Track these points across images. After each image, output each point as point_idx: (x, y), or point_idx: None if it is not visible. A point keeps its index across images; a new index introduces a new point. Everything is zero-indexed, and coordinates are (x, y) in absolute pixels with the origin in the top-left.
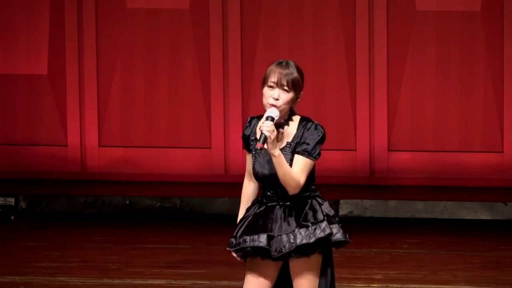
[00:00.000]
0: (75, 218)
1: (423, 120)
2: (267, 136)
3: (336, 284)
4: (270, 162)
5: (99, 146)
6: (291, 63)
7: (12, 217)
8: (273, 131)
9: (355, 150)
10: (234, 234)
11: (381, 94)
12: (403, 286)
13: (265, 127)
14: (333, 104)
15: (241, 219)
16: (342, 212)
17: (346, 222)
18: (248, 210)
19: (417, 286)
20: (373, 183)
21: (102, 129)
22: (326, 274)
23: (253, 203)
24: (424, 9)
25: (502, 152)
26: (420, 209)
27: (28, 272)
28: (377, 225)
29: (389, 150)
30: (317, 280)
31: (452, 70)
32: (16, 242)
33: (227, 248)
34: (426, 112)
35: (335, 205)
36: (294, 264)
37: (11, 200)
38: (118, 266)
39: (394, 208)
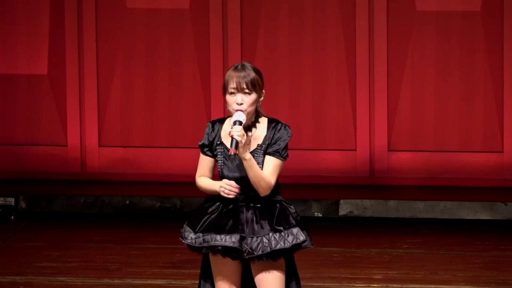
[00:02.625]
0: (75, 218)
1: (423, 120)
2: (238, 141)
3: (336, 284)
4: (240, 165)
5: (99, 146)
6: (247, 64)
7: (12, 217)
8: (243, 135)
9: (355, 150)
10: (195, 229)
11: (381, 94)
12: (403, 286)
13: (235, 132)
14: (333, 104)
15: (201, 213)
16: (342, 212)
17: (346, 222)
18: (207, 202)
19: (417, 286)
20: (373, 183)
21: (102, 129)
22: (291, 276)
23: (214, 198)
24: (424, 9)
25: (502, 152)
26: (420, 209)
27: (28, 272)
28: (377, 225)
29: (389, 150)
30: (284, 282)
31: (452, 70)
32: (16, 242)
33: (185, 242)
34: (426, 112)
35: (335, 205)
36: (258, 267)
37: (11, 200)
38: (118, 266)
39: (394, 208)
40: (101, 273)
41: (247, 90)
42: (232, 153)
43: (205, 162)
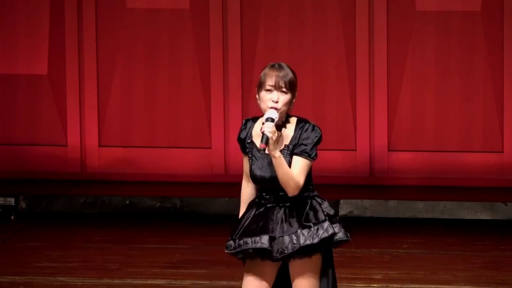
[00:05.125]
0: (75, 218)
1: (423, 120)
2: (269, 137)
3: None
4: (269, 164)
5: (99, 146)
6: (284, 65)
7: (12, 217)
8: (274, 132)
9: (355, 150)
10: (233, 237)
11: (381, 94)
12: (403, 286)
13: (266, 128)
14: (333, 104)
15: (239, 221)
16: (342, 212)
17: (346, 222)
18: (246, 211)
19: (417, 286)
20: (373, 183)
21: (102, 129)
22: (327, 274)
23: (250, 205)
24: (424, 9)
25: (502, 152)
26: (420, 209)
27: (28, 272)
28: (377, 225)
29: (389, 150)
30: (318, 280)
31: (452, 70)
32: (16, 242)
33: (226, 251)
34: (426, 112)
35: (335, 205)
36: (294, 264)
37: (11, 200)
38: (118, 266)
39: (394, 208)
40: (101, 273)
41: (284, 89)
42: (262, 148)
43: (245, 161)
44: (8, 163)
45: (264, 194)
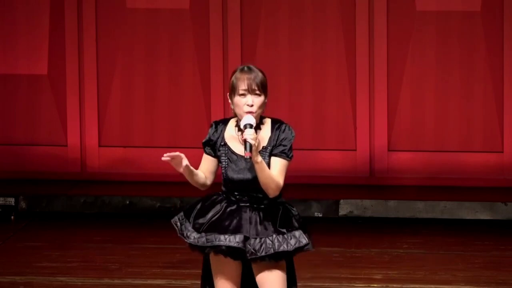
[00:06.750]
0: (75, 218)
1: (423, 120)
2: (252, 145)
3: (336, 284)
4: (248, 167)
5: (99, 146)
6: (253, 67)
7: (12, 217)
8: (256, 138)
9: (355, 150)
10: (199, 229)
11: (381, 94)
12: (403, 286)
13: (248, 135)
14: (333, 104)
15: (204, 212)
16: (342, 212)
17: (346, 222)
18: (209, 203)
19: (417, 286)
20: (373, 183)
21: (102, 129)
22: (289, 276)
23: (216, 200)
24: (424, 9)
25: (502, 152)
26: (420, 209)
27: (28, 272)
28: (377, 225)
29: (389, 150)
30: (285, 280)
31: (452, 70)
32: (16, 242)
33: (189, 241)
34: (426, 112)
35: (335, 205)
36: (260, 266)
37: (11, 200)
38: (118, 266)
39: (394, 208)
40: (101, 273)
41: (257, 92)
42: (248, 157)
43: (206, 162)
44: (8, 163)
45: (236, 193)
